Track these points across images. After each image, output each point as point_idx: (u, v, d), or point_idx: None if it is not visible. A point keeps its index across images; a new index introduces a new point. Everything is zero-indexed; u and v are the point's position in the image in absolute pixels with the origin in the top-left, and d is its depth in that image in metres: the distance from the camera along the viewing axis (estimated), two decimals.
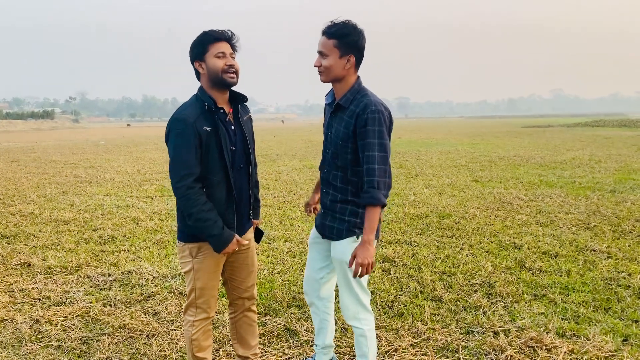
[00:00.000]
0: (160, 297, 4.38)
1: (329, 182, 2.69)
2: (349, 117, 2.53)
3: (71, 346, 3.50)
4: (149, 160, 18.05)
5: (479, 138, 30.34)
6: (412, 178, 11.91)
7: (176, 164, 2.48)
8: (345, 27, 2.47)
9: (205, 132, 2.48)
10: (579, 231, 6.44)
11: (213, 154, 2.53)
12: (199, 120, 2.48)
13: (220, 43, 2.52)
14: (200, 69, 2.56)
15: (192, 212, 2.47)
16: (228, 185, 2.61)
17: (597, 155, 16.49)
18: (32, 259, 5.48)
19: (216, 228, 2.49)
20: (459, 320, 3.81)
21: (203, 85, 2.60)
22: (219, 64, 2.50)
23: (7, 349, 3.49)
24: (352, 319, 2.73)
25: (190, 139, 2.45)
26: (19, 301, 4.35)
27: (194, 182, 2.47)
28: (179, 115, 2.49)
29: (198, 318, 2.71)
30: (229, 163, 2.57)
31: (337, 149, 2.60)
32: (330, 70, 2.53)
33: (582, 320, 3.77)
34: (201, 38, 2.53)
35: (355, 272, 2.45)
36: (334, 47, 2.49)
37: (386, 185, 2.45)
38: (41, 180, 12.43)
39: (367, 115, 2.45)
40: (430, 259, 5.35)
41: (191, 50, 2.56)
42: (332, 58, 2.50)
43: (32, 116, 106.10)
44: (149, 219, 7.57)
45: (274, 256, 5.60)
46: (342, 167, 2.61)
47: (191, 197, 2.47)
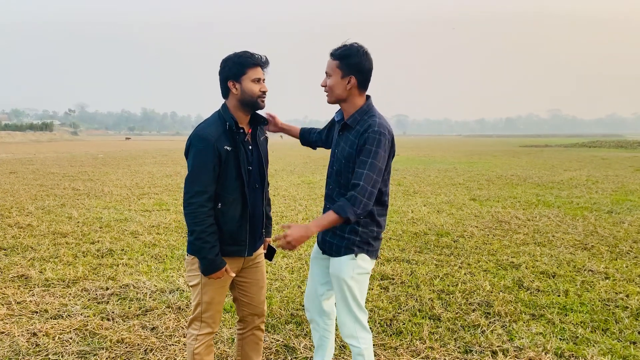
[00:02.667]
0: (159, 312, 4.37)
1: (332, 198, 2.73)
2: (354, 137, 2.57)
3: None
4: (147, 173, 18.05)
5: (476, 157, 30.47)
6: (410, 195, 11.94)
7: (192, 180, 2.51)
8: (349, 49, 2.54)
9: (225, 152, 2.52)
10: (576, 251, 6.45)
11: (231, 173, 2.57)
12: (220, 140, 2.52)
13: (257, 68, 2.58)
14: (233, 88, 2.59)
15: (195, 230, 2.50)
16: (243, 203, 2.64)
17: (595, 175, 16.57)
18: (30, 272, 5.46)
19: (212, 252, 2.52)
20: (457, 339, 3.81)
21: (229, 104, 2.64)
22: (255, 89, 2.56)
23: None
24: (349, 337, 2.73)
25: (209, 157, 2.49)
26: (17, 314, 4.33)
27: (206, 201, 2.51)
28: (201, 133, 2.52)
29: (202, 332, 2.71)
30: (245, 182, 2.61)
31: (341, 167, 2.65)
32: (333, 91, 2.61)
33: (581, 341, 3.77)
34: (241, 60, 2.55)
35: (279, 243, 2.47)
36: (337, 67, 2.56)
37: (362, 205, 2.43)
38: (39, 192, 12.41)
39: (368, 135, 2.49)
40: (428, 277, 5.35)
41: (227, 69, 2.57)
42: (335, 78, 2.58)
43: (31, 128, 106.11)
44: (147, 233, 7.56)
45: (272, 272, 5.59)
46: (345, 185, 2.64)
47: (199, 215, 2.50)
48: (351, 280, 2.63)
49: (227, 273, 2.62)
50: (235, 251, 2.67)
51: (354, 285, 2.65)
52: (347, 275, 2.63)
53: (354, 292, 2.65)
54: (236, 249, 2.67)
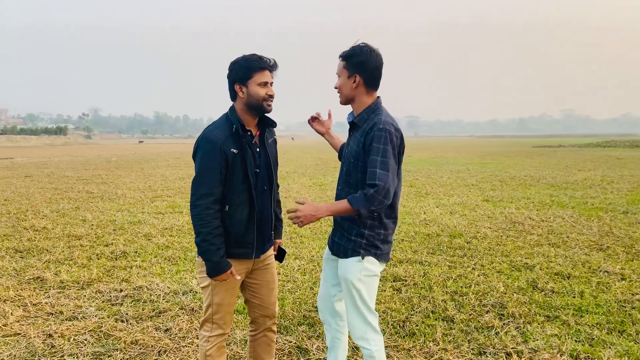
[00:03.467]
0: (172, 314, 4.40)
1: (342, 199, 2.71)
2: (361, 136, 2.59)
3: None
4: (160, 176, 18.18)
5: (489, 157, 30.27)
6: (423, 197, 11.89)
7: (199, 182, 2.53)
8: (354, 49, 2.59)
9: (232, 154, 2.54)
10: (591, 252, 6.38)
11: (238, 175, 2.58)
12: (227, 142, 2.53)
13: (265, 72, 2.58)
14: (240, 92, 2.60)
15: (201, 232, 2.52)
16: (251, 206, 2.64)
17: (609, 176, 16.38)
18: (45, 274, 5.52)
19: (217, 255, 2.53)
20: (471, 341, 3.78)
21: (236, 107, 2.65)
22: (261, 92, 2.57)
23: None
24: (359, 339, 2.72)
25: (216, 160, 2.50)
26: (32, 315, 4.39)
27: (213, 204, 2.52)
28: (208, 136, 2.54)
29: (214, 334, 2.72)
30: (252, 185, 2.62)
31: (350, 166, 2.66)
32: (341, 91, 2.66)
33: (596, 342, 3.73)
34: (248, 64, 2.56)
35: (289, 215, 2.52)
36: (344, 68, 2.62)
37: (377, 202, 2.44)
38: (54, 195, 12.55)
39: (374, 133, 2.49)
40: (441, 278, 5.32)
41: (234, 72, 2.59)
42: (342, 79, 2.65)
43: (45, 132, 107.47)
44: (160, 235, 7.62)
45: (284, 274, 5.60)
46: (354, 185, 2.65)
47: (205, 218, 2.51)
48: (358, 282, 2.63)
49: (233, 276, 2.62)
50: (242, 253, 2.68)
51: (361, 287, 2.64)
52: (354, 277, 2.63)
53: (362, 294, 2.65)
54: (243, 252, 2.68)
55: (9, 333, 3.99)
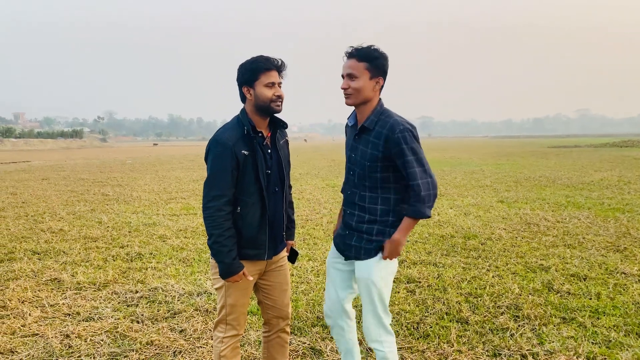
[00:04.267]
0: (187, 315, 4.43)
1: (354, 204, 2.72)
2: (376, 138, 2.58)
3: None
4: (174, 178, 18.32)
5: (504, 158, 30.03)
6: (437, 198, 11.81)
7: (211, 184, 2.55)
8: (376, 50, 2.55)
9: (243, 156, 2.55)
10: (608, 253, 6.30)
11: (249, 177, 2.59)
12: (238, 144, 2.55)
13: (271, 72, 2.58)
14: (247, 94, 2.62)
15: (213, 233, 2.54)
16: (262, 207, 2.66)
17: (627, 176, 16.15)
18: (62, 275, 5.60)
19: (229, 257, 2.54)
20: (485, 343, 3.76)
21: (247, 109, 2.67)
22: (268, 93, 2.57)
23: None
24: (374, 341, 2.72)
25: (227, 162, 2.52)
26: (50, 316, 4.45)
27: (224, 205, 2.53)
28: (219, 138, 2.56)
29: (228, 335, 2.74)
30: (264, 186, 2.63)
31: (364, 170, 2.63)
32: (360, 92, 2.57)
33: (614, 345, 3.68)
34: (253, 66, 2.57)
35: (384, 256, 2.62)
36: (365, 69, 2.54)
37: (432, 197, 2.57)
38: (70, 197, 12.72)
39: (398, 135, 2.51)
40: (455, 280, 5.30)
41: (241, 75, 2.61)
42: (363, 80, 2.55)
43: (61, 135, 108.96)
44: (175, 237, 7.68)
45: (297, 275, 5.61)
46: (371, 187, 2.64)
47: (217, 219, 2.53)
48: (381, 281, 2.64)
49: (245, 277, 2.63)
50: (255, 255, 2.69)
51: (383, 286, 2.65)
52: (376, 276, 2.63)
53: (382, 294, 2.65)
54: (256, 253, 2.69)
55: (27, 333, 4.06)
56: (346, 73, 2.57)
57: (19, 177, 19.72)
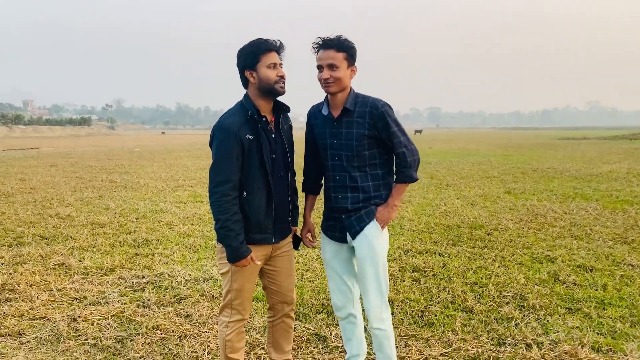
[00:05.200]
0: (193, 300, 4.46)
1: (346, 186, 2.77)
2: (360, 117, 2.70)
3: (106, 345, 3.60)
4: (182, 167, 18.38)
5: (511, 149, 29.86)
6: (443, 188, 11.80)
7: (216, 170, 2.55)
8: (348, 40, 2.66)
9: (247, 140, 2.55)
10: (615, 245, 6.26)
11: (254, 162, 2.59)
12: (242, 129, 2.55)
13: (271, 53, 2.59)
14: (250, 77, 2.61)
15: (220, 219, 2.55)
16: (268, 192, 2.66)
17: (636, 168, 16.01)
18: (70, 260, 5.65)
19: (236, 240, 2.55)
20: (490, 332, 3.76)
21: (250, 94, 2.67)
22: (271, 74, 2.58)
23: (46, 345, 3.62)
24: (377, 320, 2.77)
25: (232, 147, 2.52)
26: (57, 300, 4.50)
27: (230, 190, 2.54)
28: (223, 123, 2.56)
29: (233, 319, 2.76)
30: (269, 171, 2.63)
31: (352, 150, 2.71)
32: (342, 81, 2.66)
33: (619, 335, 3.67)
34: (253, 48, 2.58)
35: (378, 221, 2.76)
36: (344, 59, 2.64)
37: (416, 162, 2.76)
38: (78, 184, 12.80)
39: (381, 110, 2.68)
40: (461, 269, 5.29)
41: (242, 59, 2.61)
42: (342, 69, 2.65)
43: (70, 122, 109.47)
44: (181, 224, 7.71)
45: (303, 263, 5.63)
46: (360, 166, 2.73)
47: (223, 205, 2.53)
48: (382, 250, 2.75)
49: (253, 261, 2.64)
50: (262, 239, 2.70)
51: (383, 256, 2.76)
52: (379, 245, 2.73)
53: (385, 265, 2.77)
54: (263, 237, 2.70)
55: (35, 316, 4.10)
56: (327, 64, 2.63)
57: (27, 163, 19.86)
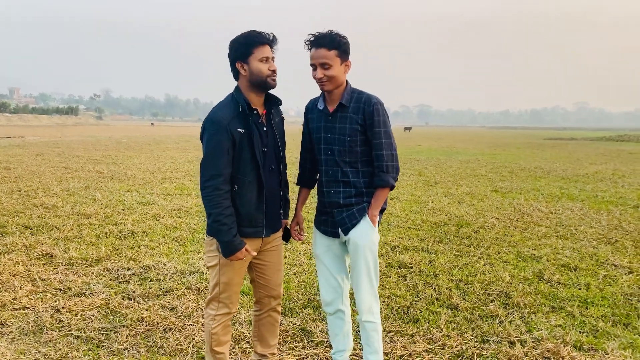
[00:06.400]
0: (178, 293, 4.44)
1: (338, 181, 2.77)
2: (354, 113, 2.69)
3: (90, 336, 3.57)
4: (169, 158, 18.26)
5: (500, 148, 30.07)
6: (431, 186, 11.85)
7: (207, 164, 2.53)
8: (339, 35, 2.61)
9: (238, 134, 2.53)
10: (599, 245, 6.34)
11: (245, 155, 2.57)
12: (233, 122, 2.53)
13: (264, 47, 2.56)
14: (242, 70, 2.58)
15: (212, 213, 2.53)
16: (259, 185, 2.65)
17: (621, 170, 16.21)
18: (54, 250, 5.59)
19: (229, 235, 2.54)
20: (474, 329, 3.79)
21: (241, 86, 2.64)
22: (263, 68, 2.55)
23: (28, 335, 3.58)
24: (367, 312, 2.80)
25: (222, 141, 2.50)
26: (41, 290, 4.45)
27: (222, 184, 2.52)
28: (214, 117, 2.54)
29: (220, 312, 2.75)
30: (260, 164, 2.61)
31: (345, 145, 2.71)
32: (337, 79, 2.65)
33: (601, 334, 3.72)
34: (247, 40, 2.54)
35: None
36: (336, 56, 2.62)
37: (394, 169, 2.72)
38: (64, 174, 12.66)
39: (373, 108, 2.67)
40: (447, 266, 5.32)
41: (234, 50, 2.57)
42: (336, 67, 2.63)
43: (57, 112, 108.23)
44: (168, 216, 7.67)
45: (290, 257, 5.62)
46: (352, 162, 2.74)
47: (215, 199, 2.52)
48: (374, 245, 2.76)
49: (248, 252, 2.63)
50: (252, 232, 2.69)
51: (376, 250, 2.78)
52: (370, 240, 2.74)
53: (376, 258, 2.78)
54: (254, 230, 2.69)
55: (18, 307, 4.06)
56: (319, 63, 2.60)
57: (12, 152, 19.61)
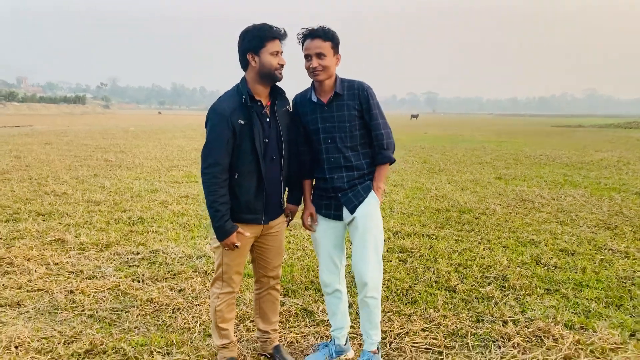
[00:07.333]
0: (186, 275, 4.61)
1: (341, 167, 2.92)
2: (350, 100, 2.87)
3: (102, 315, 3.75)
4: (176, 147, 18.44)
5: (506, 136, 30.03)
6: (435, 173, 11.95)
7: (207, 152, 2.68)
8: (332, 31, 2.80)
9: (239, 125, 2.66)
10: (599, 231, 6.44)
11: (246, 145, 2.70)
12: (235, 113, 2.66)
13: (276, 41, 2.68)
14: (252, 61, 2.69)
15: (208, 199, 2.69)
16: (259, 175, 2.76)
17: (627, 157, 16.19)
18: (66, 236, 5.77)
19: (221, 220, 2.68)
20: (470, 310, 3.93)
21: (247, 77, 2.75)
22: (273, 61, 2.67)
23: (44, 315, 3.76)
24: (373, 289, 2.93)
25: (223, 131, 2.64)
26: (55, 273, 4.63)
27: (220, 173, 2.66)
28: (217, 107, 2.68)
29: (223, 291, 2.91)
30: (260, 154, 2.73)
31: (346, 131, 2.88)
32: (329, 69, 2.81)
33: (593, 315, 3.84)
34: (260, 33, 2.65)
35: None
36: (330, 48, 2.79)
37: (392, 145, 2.97)
38: (73, 162, 12.87)
39: (367, 92, 2.90)
40: (447, 251, 5.46)
41: (247, 41, 2.67)
42: (329, 57, 2.80)
43: (64, 101, 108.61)
44: (176, 203, 7.84)
45: (294, 242, 5.78)
46: (352, 146, 2.91)
47: (211, 186, 2.66)
48: (379, 220, 2.94)
49: (241, 235, 2.75)
50: (252, 219, 2.82)
51: (380, 224, 2.95)
52: (374, 213, 2.91)
53: (381, 231, 2.95)
54: (253, 217, 2.82)
55: (33, 288, 4.24)
56: (315, 53, 2.76)
57: (22, 141, 19.86)
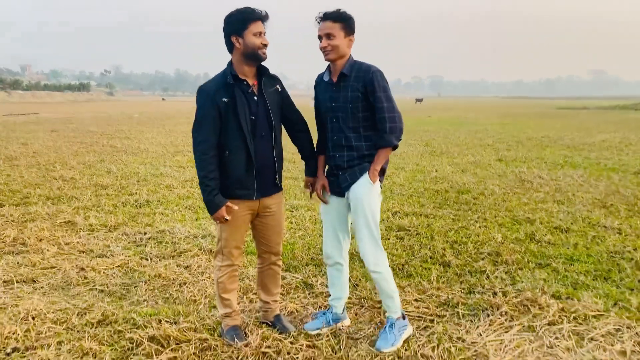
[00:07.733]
0: (192, 253, 4.81)
1: (342, 146, 3.05)
2: (355, 82, 2.96)
3: (113, 290, 3.96)
4: (181, 132, 18.62)
5: (510, 118, 30.02)
6: (437, 156, 12.09)
7: (196, 130, 2.89)
8: (345, 12, 2.92)
9: (223, 103, 2.84)
10: (594, 209, 6.58)
11: (232, 123, 2.87)
12: (219, 93, 2.84)
13: (258, 22, 2.84)
14: (237, 43, 2.85)
15: (199, 175, 2.89)
16: (247, 151, 2.92)
17: (629, 138, 16.24)
18: (76, 218, 5.98)
19: (210, 195, 2.86)
20: (462, 282, 4.11)
21: (233, 59, 2.92)
22: (257, 42, 2.83)
23: (57, 290, 3.98)
24: (373, 264, 3.06)
25: (208, 110, 2.84)
26: (66, 252, 4.85)
27: (208, 149, 2.85)
28: (203, 88, 2.90)
29: (224, 264, 3.10)
30: (247, 131, 2.88)
31: (347, 112, 2.99)
32: (338, 49, 2.93)
33: (580, 286, 4.01)
34: (243, 16, 2.81)
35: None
36: (340, 29, 2.91)
37: (397, 129, 2.94)
38: (80, 149, 13.09)
39: (372, 75, 2.93)
40: (444, 229, 5.63)
41: (230, 24, 2.84)
42: (339, 38, 2.91)
43: (69, 88, 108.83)
44: (181, 187, 8.04)
45: (296, 223, 5.97)
46: (354, 127, 3.01)
47: (201, 163, 2.86)
48: (372, 200, 3.01)
49: (230, 207, 2.89)
50: (244, 194, 2.98)
51: (374, 204, 3.02)
52: (367, 193, 2.99)
53: (374, 212, 3.02)
54: (245, 193, 2.98)
55: (47, 266, 4.46)
56: (324, 33, 2.91)
57: (28, 128, 20.10)
